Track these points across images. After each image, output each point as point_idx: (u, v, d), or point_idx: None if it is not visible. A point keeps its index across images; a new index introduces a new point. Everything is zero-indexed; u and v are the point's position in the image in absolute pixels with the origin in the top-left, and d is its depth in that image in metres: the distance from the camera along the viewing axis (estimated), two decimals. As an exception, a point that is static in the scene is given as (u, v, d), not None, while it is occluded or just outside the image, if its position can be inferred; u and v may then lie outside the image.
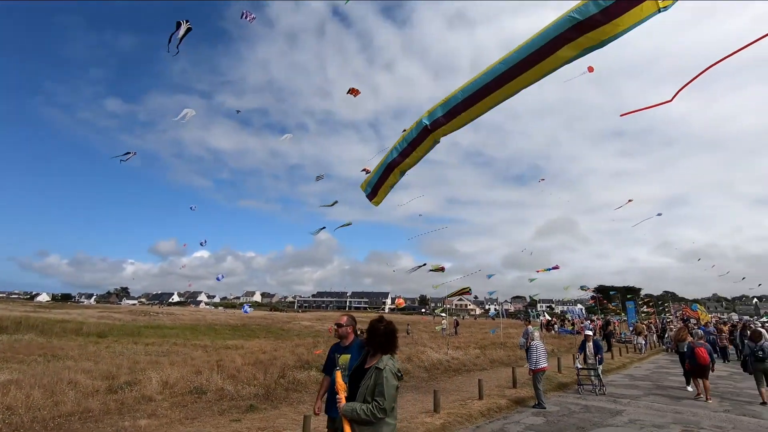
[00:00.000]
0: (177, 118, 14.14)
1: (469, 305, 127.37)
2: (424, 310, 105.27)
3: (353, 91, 15.88)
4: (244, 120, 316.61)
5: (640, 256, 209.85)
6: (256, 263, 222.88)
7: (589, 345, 11.62)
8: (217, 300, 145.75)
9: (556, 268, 28.96)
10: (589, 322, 29.73)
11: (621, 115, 4.13)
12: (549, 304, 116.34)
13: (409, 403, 8.98)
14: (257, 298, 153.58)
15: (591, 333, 12.36)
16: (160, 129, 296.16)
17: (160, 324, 34.34)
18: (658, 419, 8.26)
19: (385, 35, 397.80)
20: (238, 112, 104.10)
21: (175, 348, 18.16)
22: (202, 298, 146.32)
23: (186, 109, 14.29)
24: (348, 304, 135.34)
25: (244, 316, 45.98)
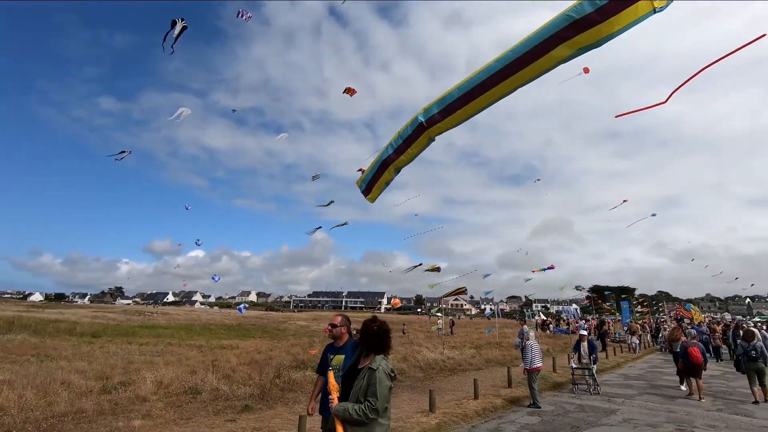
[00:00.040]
0: (172, 118, 14.06)
1: (465, 305, 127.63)
2: (420, 310, 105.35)
3: (349, 91, 15.85)
4: (239, 119, 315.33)
5: (635, 257, 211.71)
6: (251, 263, 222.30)
7: (584, 345, 11.67)
8: (212, 300, 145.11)
9: (552, 268, 29.11)
10: (584, 321, 29.90)
11: (616, 117, 4.15)
12: (544, 304, 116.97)
13: (405, 402, 8.99)
14: (253, 297, 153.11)
15: (586, 333, 12.41)
16: (154, 127, 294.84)
17: (154, 324, 34.14)
18: (651, 418, 8.32)
19: (382, 35, 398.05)
20: (233, 111, 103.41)
21: (170, 348, 18.05)
22: (197, 297, 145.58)
23: (181, 108, 14.21)
24: (344, 303, 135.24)
25: (239, 316, 45.80)
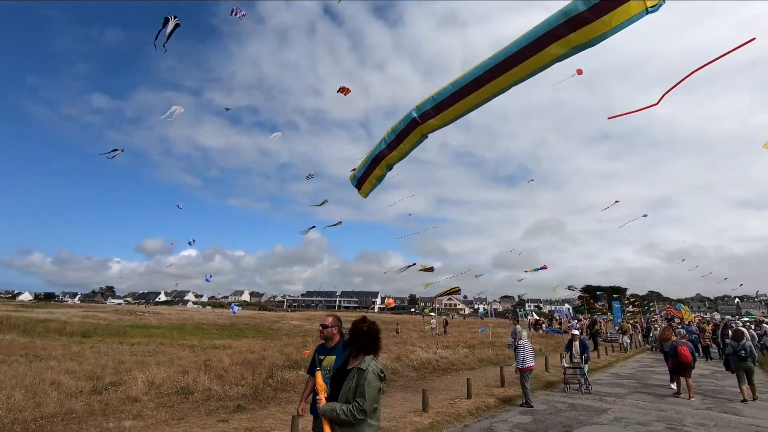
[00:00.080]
0: (164, 116, 13.97)
1: (459, 305, 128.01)
2: (413, 310, 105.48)
3: (344, 90, 15.83)
4: (233, 118, 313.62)
5: (627, 257, 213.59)
6: (245, 262, 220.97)
7: (576, 344, 11.76)
8: (204, 299, 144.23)
9: (545, 268, 29.32)
10: (576, 321, 30.10)
11: (609, 118, 4.18)
12: (537, 304, 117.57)
13: (398, 402, 9.00)
14: (246, 297, 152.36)
15: (578, 332, 12.50)
16: (147, 126, 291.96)
17: (146, 323, 33.87)
18: (642, 417, 8.40)
19: (377, 35, 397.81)
20: (227, 109, 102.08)
21: (162, 348, 17.93)
22: (190, 297, 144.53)
23: (174, 107, 14.12)
24: (337, 303, 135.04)
25: (232, 316, 45.59)
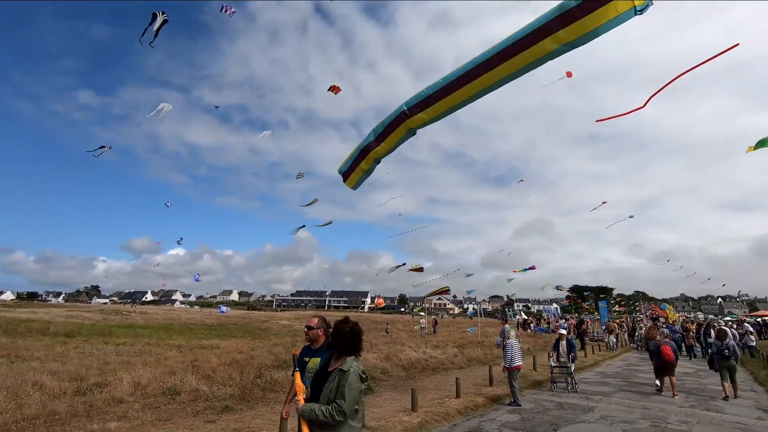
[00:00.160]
0: (152, 114, 13.75)
1: (448, 304, 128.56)
2: (403, 309, 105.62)
3: (334, 89, 15.78)
4: (223, 116, 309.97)
5: (613, 257, 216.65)
6: (234, 262, 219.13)
7: (563, 344, 11.88)
8: (192, 299, 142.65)
9: (533, 268, 29.58)
10: (563, 321, 30.45)
11: (597, 121, 4.23)
12: (526, 304, 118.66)
13: (387, 401, 9.01)
14: (235, 296, 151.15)
15: (565, 332, 12.64)
16: (135, 123, 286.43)
17: (132, 323, 33.40)
18: (628, 415, 8.54)
19: (368, 34, 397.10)
20: (216, 107, 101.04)
21: (148, 348, 17.68)
22: (177, 296, 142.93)
23: (162, 104, 13.92)
24: (327, 303, 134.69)
25: (220, 316, 45.28)
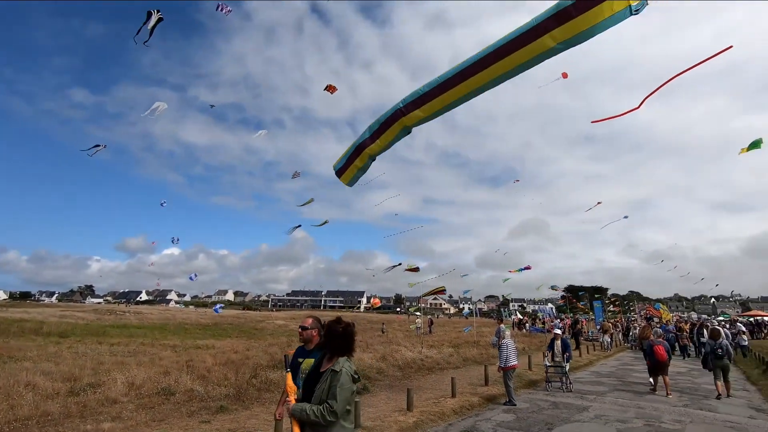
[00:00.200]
0: (146, 113, 13.64)
1: (444, 304, 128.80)
2: (399, 309, 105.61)
3: (330, 88, 15.73)
4: (218, 115, 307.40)
5: (608, 257, 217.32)
6: (229, 261, 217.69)
7: (558, 343, 11.93)
8: (187, 299, 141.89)
9: (528, 268, 29.65)
10: (558, 321, 30.58)
11: (592, 122, 4.26)
12: (521, 304, 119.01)
13: (383, 401, 9.01)
14: (230, 296, 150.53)
15: (560, 332, 12.70)
16: (129, 122, 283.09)
17: (126, 323, 33.22)
18: (622, 414, 8.59)
19: (364, 34, 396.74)
20: (211, 106, 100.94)
21: (143, 348, 17.57)
22: (172, 296, 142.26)
23: (157, 103, 13.79)
24: (323, 303, 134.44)
25: (215, 315, 45.08)
